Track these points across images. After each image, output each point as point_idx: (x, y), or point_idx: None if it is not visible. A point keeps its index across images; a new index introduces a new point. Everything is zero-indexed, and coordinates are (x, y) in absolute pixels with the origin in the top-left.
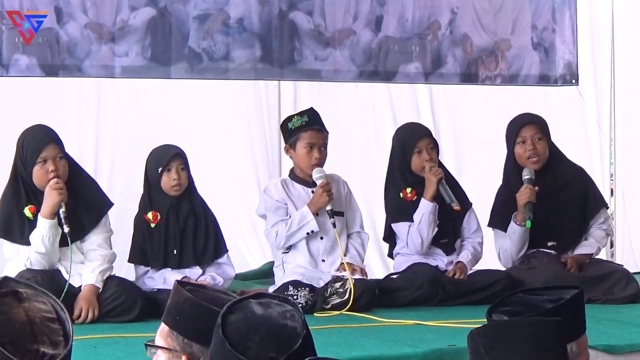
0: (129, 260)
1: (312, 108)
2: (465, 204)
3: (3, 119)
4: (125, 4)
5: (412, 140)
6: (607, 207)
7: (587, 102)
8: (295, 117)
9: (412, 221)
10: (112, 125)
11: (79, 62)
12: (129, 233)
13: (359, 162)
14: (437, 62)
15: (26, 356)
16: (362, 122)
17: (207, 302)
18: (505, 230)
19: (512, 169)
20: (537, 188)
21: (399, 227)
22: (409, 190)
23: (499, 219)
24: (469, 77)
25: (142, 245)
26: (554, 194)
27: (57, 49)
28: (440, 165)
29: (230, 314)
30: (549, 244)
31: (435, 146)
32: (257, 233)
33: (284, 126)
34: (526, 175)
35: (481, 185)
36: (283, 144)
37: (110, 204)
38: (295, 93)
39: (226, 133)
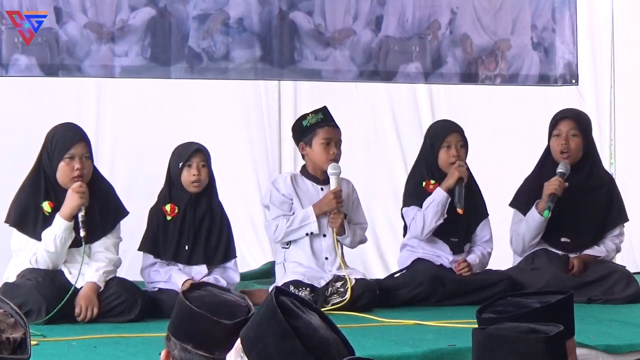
0: (139, 249)
1: (325, 107)
2: (482, 213)
3: (3, 119)
4: (124, 4)
5: (441, 134)
6: (626, 222)
7: (587, 102)
8: (310, 114)
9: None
10: (112, 125)
11: (78, 62)
12: (129, 233)
13: (359, 162)
14: (437, 62)
15: (1, 349)
16: (362, 122)
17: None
18: (524, 213)
19: (546, 159)
20: (567, 184)
21: (408, 211)
22: (432, 182)
23: (522, 201)
24: (469, 77)
25: (155, 235)
26: (582, 193)
27: (57, 49)
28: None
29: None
30: (563, 239)
31: (465, 145)
32: (258, 233)
33: (298, 125)
34: (560, 169)
35: (481, 185)
36: (283, 144)
37: (126, 213)
38: (295, 93)
39: (226, 133)
